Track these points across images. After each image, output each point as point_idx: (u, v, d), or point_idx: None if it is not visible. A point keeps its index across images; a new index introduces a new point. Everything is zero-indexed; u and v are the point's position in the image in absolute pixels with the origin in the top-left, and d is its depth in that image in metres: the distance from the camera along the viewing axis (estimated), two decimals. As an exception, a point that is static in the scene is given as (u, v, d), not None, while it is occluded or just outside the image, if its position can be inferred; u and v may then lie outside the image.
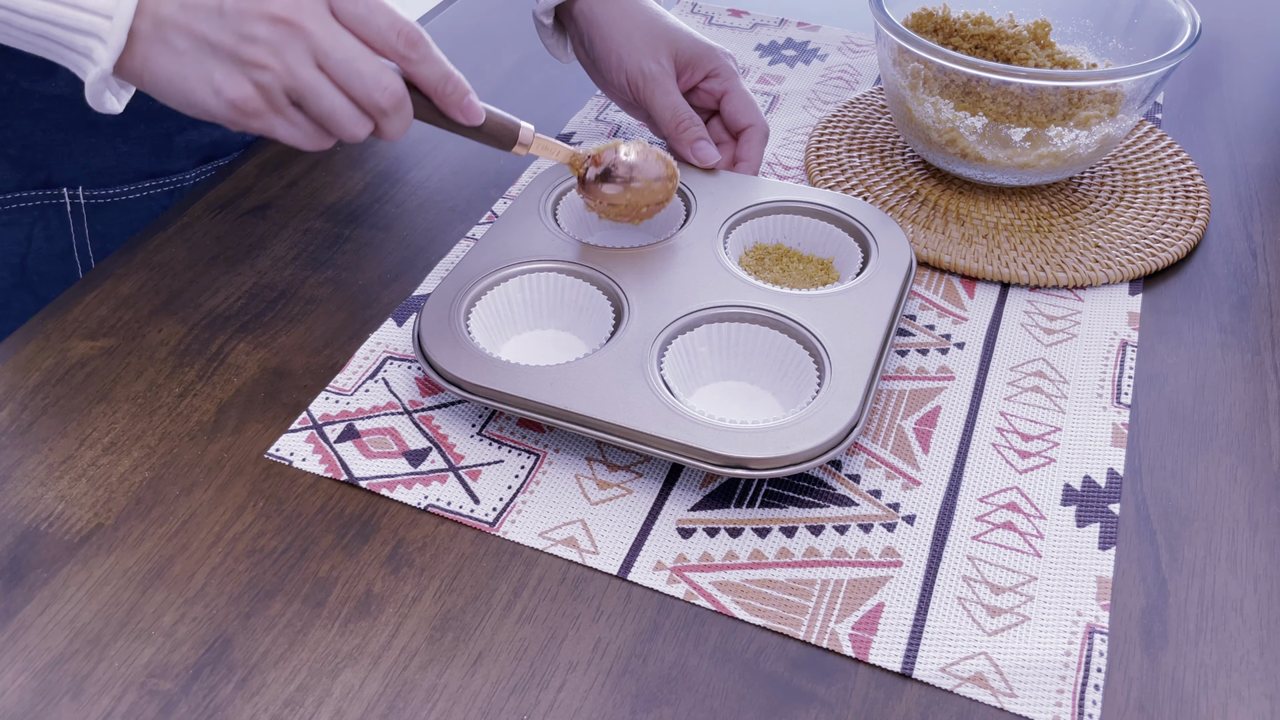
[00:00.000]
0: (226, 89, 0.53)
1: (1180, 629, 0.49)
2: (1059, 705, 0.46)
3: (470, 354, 0.57)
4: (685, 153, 0.71)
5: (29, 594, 0.50)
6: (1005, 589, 0.51)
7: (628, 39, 0.72)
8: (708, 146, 0.71)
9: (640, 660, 0.48)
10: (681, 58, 0.72)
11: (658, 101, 0.72)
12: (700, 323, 0.60)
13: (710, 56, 0.73)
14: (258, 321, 0.65)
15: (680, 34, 0.73)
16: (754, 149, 0.73)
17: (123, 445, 0.57)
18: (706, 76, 0.73)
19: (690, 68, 0.73)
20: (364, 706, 0.46)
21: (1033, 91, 0.67)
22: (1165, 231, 0.72)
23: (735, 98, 0.73)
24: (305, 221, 0.73)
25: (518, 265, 0.63)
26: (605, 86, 0.76)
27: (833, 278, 0.66)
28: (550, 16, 0.75)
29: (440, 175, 0.78)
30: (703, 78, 0.73)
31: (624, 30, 0.72)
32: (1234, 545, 0.53)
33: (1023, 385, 0.62)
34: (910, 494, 0.55)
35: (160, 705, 0.46)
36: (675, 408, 0.54)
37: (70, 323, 0.65)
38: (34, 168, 0.76)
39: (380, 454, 0.57)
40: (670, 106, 0.71)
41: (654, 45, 0.72)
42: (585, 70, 0.78)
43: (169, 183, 0.80)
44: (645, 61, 0.72)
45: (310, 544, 0.52)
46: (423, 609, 0.50)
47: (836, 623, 0.49)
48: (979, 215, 0.74)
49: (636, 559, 0.52)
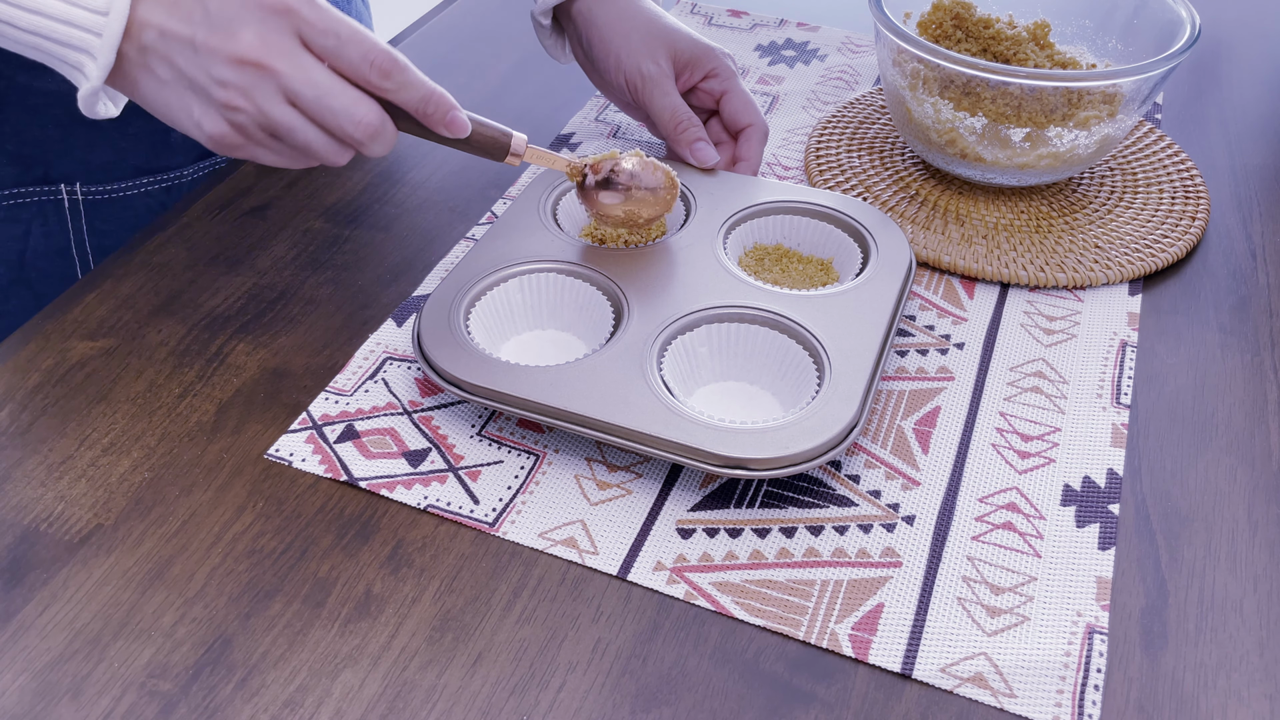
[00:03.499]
0: (205, 124, 0.54)
1: (1180, 629, 0.49)
2: (1059, 705, 0.46)
3: (470, 354, 0.57)
4: (684, 154, 0.71)
5: (29, 594, 0.50)
6: (1005, 589, 0.51)
7: (626, 39, 0.72)
8: (706, 147, 0.71)
9: (640, 660, 0.48)
10: (680, 58, 0.72)
11: (656, 102, 0.72)
12: (700, 323, 0.60)
13: (709, 56, 0.73)
14: (257, 322, 0.65)
15: (679, 34, 0.73)
16: (753, 148, 0.73)
17: (122, 445, 0.57)
18: (705, 77, 0.73)
19: (689, 68, 0.73)
20: (364, 707, 0.46)
21: (1032, 92, 0.67)
22: (1165, 232, 0.72)
23: (734, 97, 0.73)
24: (305, 222, 0.73)
25: (518, 266, 0.63)
26: (604, 87, 0.76)
27: (832, 278, 0.66)
28: (548, 17, 0.75)
29: (440, 175, 0.78)
30: (702, 78, 0.73)
31: (622, 31, 0.72)
32: (1234, 545, 0.53)
33: (1022, 386, 0.62)
34: (910, 494, 0.55)
35: (160, 706, 0.46)
36: (675, 408, 0.54)
37: (70, 323, 0.65)
38: (32, 164, 0.76)
39: (380, 454, 0.57)
40: (669, 107, 0.71)
41: (652, 46, 0.72)
42: (584, 71, 0.78)
43: (167, 179, 0.80)
44: (643, 62, 0.72)
45: (310, 544, 0.52)
46: (422, 609, 0.50)
47: (836, 623, 0.49)
48: (979, 215, 0.74)
49: (636, 559, 0.52)
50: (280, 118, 0.53)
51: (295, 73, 0.52)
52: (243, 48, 0.51)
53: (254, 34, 0.51)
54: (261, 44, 0.52)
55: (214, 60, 0.52)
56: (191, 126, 0.55)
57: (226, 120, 0.53)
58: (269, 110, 0.53)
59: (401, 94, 0.55)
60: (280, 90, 0.53)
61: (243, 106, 0.53)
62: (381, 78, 0.54)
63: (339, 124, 0.54)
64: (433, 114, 0.56)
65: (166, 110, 0.55)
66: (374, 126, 0.54)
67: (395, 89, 0.54)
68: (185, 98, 0.54)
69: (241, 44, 0.51)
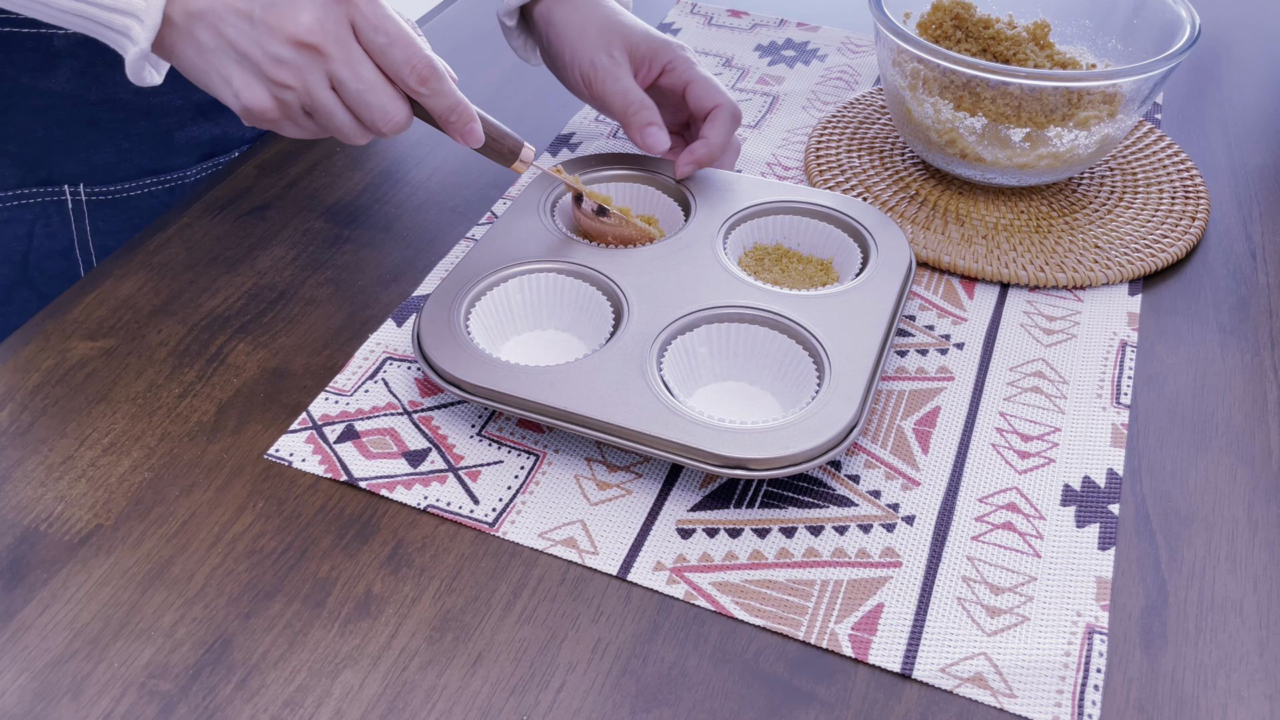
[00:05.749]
0: (244, 95, 0.56)
1: (1180, 629, 0.49)
2: (1058, 705, 0.46)
3: (470, 354, 0.57)
4: (635, 138, 0.70)
5: (29, 594, 0.50)
6: (1005, 589, 0.51)
7: (581, 35, 0.72)
8: (658, 132, 0.69)
9: (640, 661, 0.48)
10: (636, 52, 0.71)
11: (608, 88, 0.70)
12: (700, 323, 0.60)
13: (665, 49, 0.71)
14: (258, 322, 0.65)
15: (634, 29, 0.72)
16: (719, 129, 0.70)
17: (122, 446, 0.57)
18: (664, 70, 0.72)
19: (646, 62, 0.71)
20: (364, 707, 0.46)
21: (1032, 92, 0.67)
22: (1165, 232, 0.72)
23: (697, 85, 0.71)
24: (305, 222, 0.73)
25: (518, 266, 0.63)
26: (568, 85, 0.75)
27: (832, 278, 0.66)
28: (513, 18, 0.75)
29: (440, 175, 0.78)
30: (660, 72, 0.72)
31: (578, 27, 0.72)
32: (1234, 545, 0.53)
33: (1022, 385, 0.62)
34: (910, 494, 0.55)
35: (160, 706, 0.46)
36: (675, 408, 0.54)
37: (70, 323, 0.65)
38: (35, 165, 0.77)
39: (380, 454, 0.57)
40: (620, 92, 0.70)
41: (607, 39, 0.71)
42: (552, 73, 0.76)
43: (170, 180, 0.80)
44: (597, 54, 0.71)
45: (310, 544, 0.52)
46: (422, 609, 0.50)
47: (836, 623, 0.49)
48: (978, 216, 0.74)
49: (636, 559, 0.52)
50: (323, 101, 0.56)
51: (345, 62, 0.55)
52: (302, 30, 0.54)
53: (313, 18, 0.54)
54: (320, 28, 0.54)
55: (271, 37, 0.54)
56: (228, 95, 0.56)
57: (273, 96, 0.56)
58: (315, 92, 0.56)
59: (432, 100, 0.58)
60: (327, 75, 0.55)
61: (294, 85, 0.55)
62: (419, 83, 0.57)
63: (372, 117, 0.57)
64: (455, 123, 0.59)
65: (203, 77, 0.57)
66: (402, 124, 0.58)
67: (428, 95, 0.57)
68: (227, 67, 0.55)
69: (301, 25, 0.54)
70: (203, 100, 0.79)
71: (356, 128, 0.58)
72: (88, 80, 0.74)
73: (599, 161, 0.72)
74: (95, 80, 0.74)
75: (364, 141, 0.59)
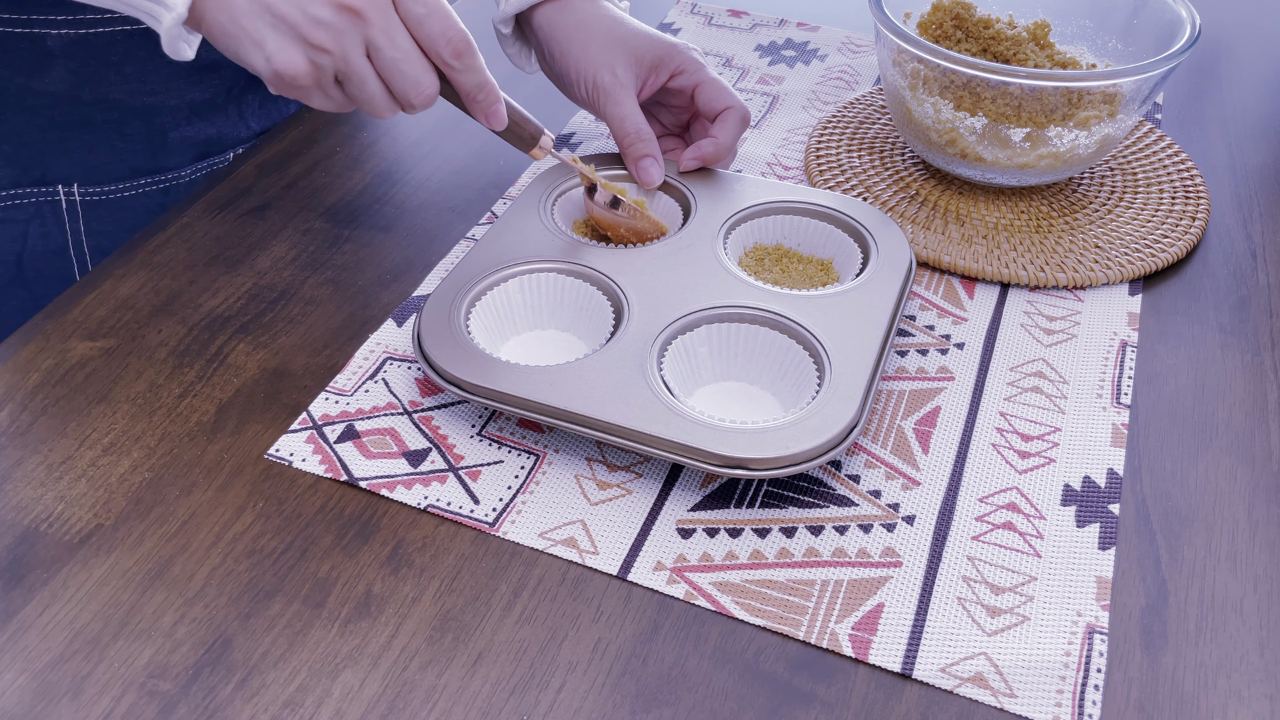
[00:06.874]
0: (278, 60, 0.55)
1: (1180, 629, 0.49)
2: (1059, 705, 0.46)
3: (470, 354, 0.57)
4: (630, 169, 0.70)
5: (29, 594, 0.50)
6: (1005, 589, 0.51)
7: (584, 50, 0.70)
8: (653, 166, 0.69)
9: (640, 661, 0.48)
10: (643, 62, 0.70)
11: (609, 111, 0.70)
12: (700, 323, 0.60)
13: (673, 54, 0.71)
14: (257, 322, 0.65)
15: (638, 39, 0.70)
16: (728, 130, 0.70)
17: (122, 446, 0.57)
18: (673, 75, 0.71)
19: (654, 70, 0.71)
20: (364, 707, 0.46)
21: (1032, 92, 0.67)
22: (1165, 232, 0.72)
23: (707, 87, 0.71)
24: (305, 222, 0.73)
25: (518, 265, 0.63)
26: (571, 98, 0.74)
27: (832, 278, 0.66)
28: (509, 25, 0.74)
29: (440, 175, 0.78)
30: (669, 77, 0.71)
31: (580, 41, 0.70)
32: (1234, 545, 0.53)
33: (1022, 385, 0.62)
34: (910, 494, 0.55)
35: (160, 706, 0.46)
36: (675, 408, 0.54)
37: (70, 323, 0.65)
38: (29, 165, 0.76)
39: (380, 454, 0.57)
40: (619, 118, 0.69)
41: (610, 55, 0.70)
42: (552, 82, 0.75)
43: (164, 180, 0.80)
44: (600, 73, 0.69)
45: (310, 544, 0.52)
46: (422, 609, 0.50)
47: (836, 623, 0.49)
48: (979, 216, 0.74)
49: (636, 559, 0.52)
50: (358, 67, 0.56)
51: (384, 29, 0.55)
52: None
53: None
54: None
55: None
56: (259, 60, 0.55)
57: (309, 59, 0.55)
58: (351, 58, 0.55)
59: (462, 76, 0.58)
60: (365, 40, 0.55)
61: (331, 49, 0.55)
62: (453, 56, 0.57)
63: (403, 88, 0.57)
64: (481, 101, 0.60)
65: (233, 44, 0.56)
66: (431, 98, 0.58)
67: (460, 70, 0.58)
68: (261, 30, 0.55)
69: None
70: (197, 101, 0.79)
71: (386, 98, 0.57)
72: (81, 80, 0.74)
73: (599, 161, 0.72)
74: (89, 80, 0.74)
75: (389, 115, 0.59)
